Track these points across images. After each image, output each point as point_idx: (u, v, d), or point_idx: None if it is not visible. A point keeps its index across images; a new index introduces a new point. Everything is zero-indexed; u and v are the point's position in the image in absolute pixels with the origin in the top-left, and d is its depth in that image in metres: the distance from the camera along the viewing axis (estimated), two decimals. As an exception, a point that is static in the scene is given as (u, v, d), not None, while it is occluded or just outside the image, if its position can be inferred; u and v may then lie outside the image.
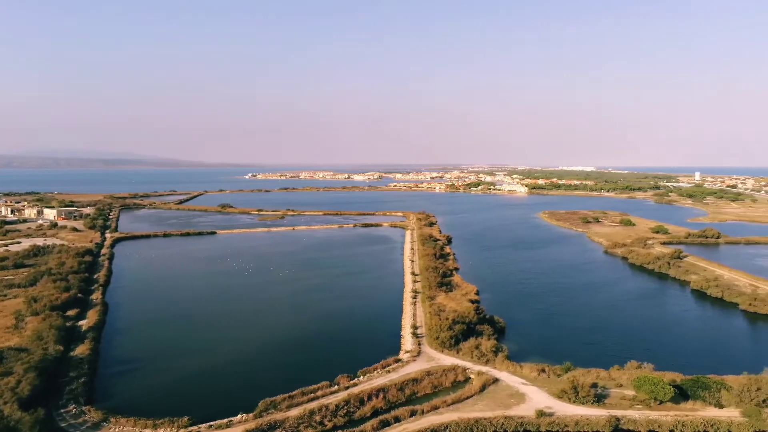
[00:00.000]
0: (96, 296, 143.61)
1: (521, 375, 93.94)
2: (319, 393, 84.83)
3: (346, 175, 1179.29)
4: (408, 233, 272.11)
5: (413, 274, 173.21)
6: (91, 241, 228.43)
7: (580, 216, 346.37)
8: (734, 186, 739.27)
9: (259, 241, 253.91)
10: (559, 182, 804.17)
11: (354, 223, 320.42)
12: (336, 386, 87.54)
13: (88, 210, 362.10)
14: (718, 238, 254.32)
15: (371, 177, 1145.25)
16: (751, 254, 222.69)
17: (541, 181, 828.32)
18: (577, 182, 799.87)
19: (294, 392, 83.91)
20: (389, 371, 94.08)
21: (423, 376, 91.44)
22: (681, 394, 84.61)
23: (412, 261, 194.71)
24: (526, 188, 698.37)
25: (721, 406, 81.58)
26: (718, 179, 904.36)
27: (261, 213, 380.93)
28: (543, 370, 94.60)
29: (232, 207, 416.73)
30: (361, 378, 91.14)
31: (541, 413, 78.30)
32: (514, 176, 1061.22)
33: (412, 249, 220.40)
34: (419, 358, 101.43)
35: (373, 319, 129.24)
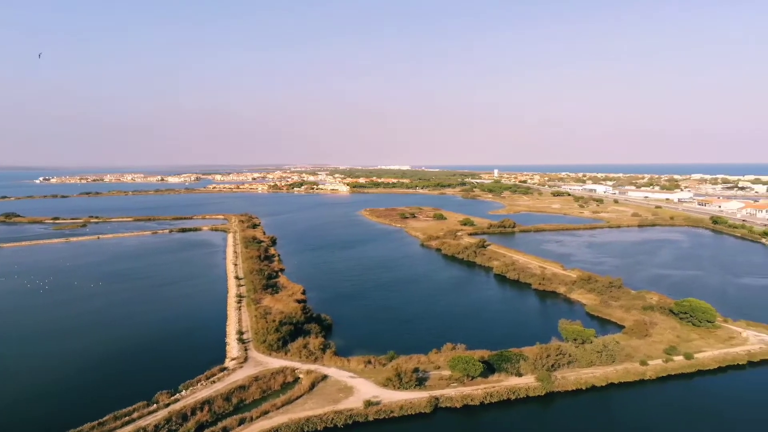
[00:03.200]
0: None
1: (349, 369, 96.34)
2: (135, 415, 77.62)
3: (160, 178, 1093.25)
4: (230, 236, 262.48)
5: (237, 278, 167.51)
6: None
7: (399, 212, 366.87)
8: (525, 181, 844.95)
9: (57, 254, 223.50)
10: (379, 181, 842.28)
11: (170, 229, 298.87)
12: (155, 405, 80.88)
13: None
14: (513, 227, 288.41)
15: (188, 179, 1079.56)
16: (539, 240, 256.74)
17: (361, 180, 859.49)
18: (395, 180, 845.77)
19: (105, 418, 75.84)
20: (214, 381, 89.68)
21: (251, 382, 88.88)
22: (489, 369, 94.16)
23: (236, 264, 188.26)
24: (348, 187, 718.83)
25: (520, 375, 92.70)
26: (512, 176, 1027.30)
27: (57, 222, 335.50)
28: (369, 362, 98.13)
29: (19, 216, 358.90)
30: (183, 392, 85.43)
31: (368, 403, 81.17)
32: (336, 176, 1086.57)
33: (235, 252, 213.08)
34: (246, 364, 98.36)
35: (195, 328, 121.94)
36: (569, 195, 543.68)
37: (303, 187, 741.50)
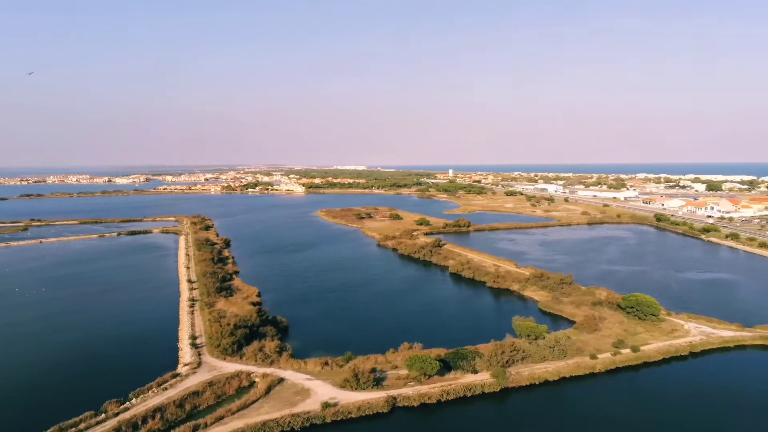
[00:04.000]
0: None
1: (306, 371, 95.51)
2: (83, 426, 74.69)
3: (107, 179, 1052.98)
4: (182, 238, 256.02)
5: (190, 281, 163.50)
6: None
7: (355, 212, 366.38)
8: (479, 181, 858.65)
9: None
10: (334, 181, 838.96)
11: (118, 231, 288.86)
12: (103, 414, 78.01)
13: None
14: (468, 226, 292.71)
15: (137, 180, 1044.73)
16: (494, 239, 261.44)
17: (317, 181, 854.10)
18: (351, 181, 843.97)
19: (50, 430, 72.81)
20: (166, 388, 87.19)
21: (205, 388, 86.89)
22: (446, 367, 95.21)
23: (188, 268, 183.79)
24: (304, 188, 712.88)
25: (476, 372, 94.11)
26: (467, 176, 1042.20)
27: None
28: (326, 363, 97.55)
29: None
30: (133, 401, 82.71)
31: (326, 405, 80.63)
32: (292, 176, 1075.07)
33: (188, 255, 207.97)
34: (200, 369, 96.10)
35: (146, 334, 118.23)
36: (522, 194, 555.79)
37: (257, 187, 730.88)
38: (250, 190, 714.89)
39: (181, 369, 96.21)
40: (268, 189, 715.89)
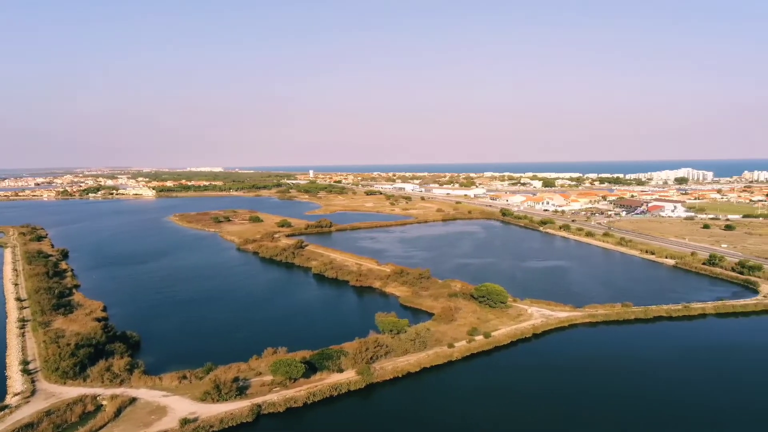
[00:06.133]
0: None
1: (161, 387, 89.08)
2: None
3: None
4: (7, 251, 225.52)
5: (19, 299, 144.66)
6: None
7: (212, 216, 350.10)
8: (339, 182, 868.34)
9: None
10: (189, 183, 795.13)
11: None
12: None
13: None
14: (330, 227, 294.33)
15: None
16: (355, 238, 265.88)
17: (169, 183, 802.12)
18: (207, 183, 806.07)
19: None
20: (-8, 424, 76.05)
21: (41, 418, 77.27)
22: (312, 368, 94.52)
23: (16, 284, 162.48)
24: (154, 191, 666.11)
25: (342, 371, 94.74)
26: (328, 176, 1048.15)
27: None
28: (185, 377, 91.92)
29: None
30: (-52, 443, 70.96)
31: (185, 421, 75.90)
32: (140, 179, 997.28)
33: (15, 270, 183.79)
34: (35, 397, 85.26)
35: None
36: (381, 194, 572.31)
37: (100, 192, 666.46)
38: (91, 195, 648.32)
39: (11, 400, 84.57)
40: (113, 193, 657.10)
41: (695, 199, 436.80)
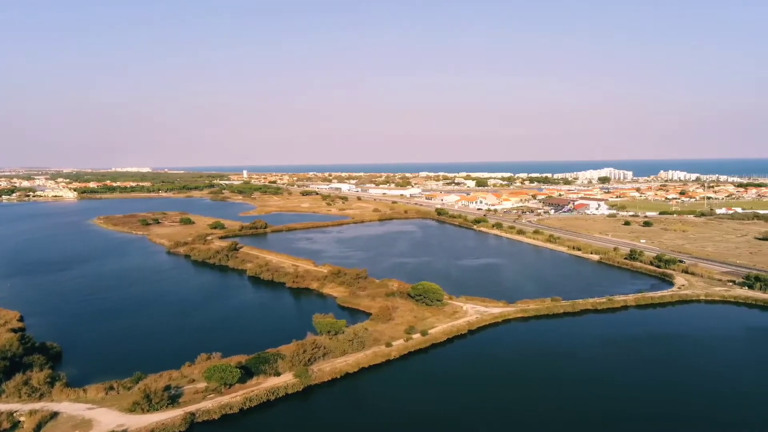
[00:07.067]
0: None
1: (86, 400, 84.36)
2: None
3: None
4: None
5: None
6: None
7: (140, 218, 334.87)
8: (274, 182, 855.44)
9: None
10: (114, 184, 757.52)
11: None
12: None
13: None
14: (265, 228, 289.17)
15: None
16: (291, 239, 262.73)
17: (92, 185, 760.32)
18: (134, 184, 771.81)
19: None
20: None
21: (-51, 440, 71.33)
22: (248, 373, 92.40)
23: None
24: (76, 193, 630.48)
25: (279, 374, 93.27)
26: (262, 176, 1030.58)
27: None
28: (111, 388, 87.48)
29: None
30: None
31: (112, 435, 72.29)
32: (60, 180, 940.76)
33: None
34: (-59, 418, 78.53)
35: None
36: (317, 194, 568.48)
37: (15, 194, 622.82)
38: (4, 197, 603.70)
39: None
40: (29, 195, 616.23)
41: (617, 197, 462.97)
